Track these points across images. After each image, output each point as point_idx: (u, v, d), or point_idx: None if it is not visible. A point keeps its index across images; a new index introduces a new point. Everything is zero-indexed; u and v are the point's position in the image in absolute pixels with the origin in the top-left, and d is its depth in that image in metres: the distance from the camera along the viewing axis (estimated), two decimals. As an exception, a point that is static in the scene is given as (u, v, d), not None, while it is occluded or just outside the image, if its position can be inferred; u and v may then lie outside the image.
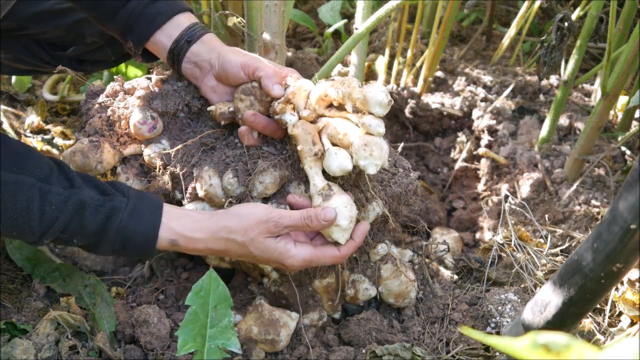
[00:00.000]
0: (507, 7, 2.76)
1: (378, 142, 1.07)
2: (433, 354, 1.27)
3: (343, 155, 1.08)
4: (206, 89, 1.26)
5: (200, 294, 0.88)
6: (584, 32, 1.64)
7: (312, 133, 1.12)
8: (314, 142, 1.11)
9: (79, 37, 1.49)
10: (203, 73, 1.25)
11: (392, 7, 1.36)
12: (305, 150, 1.11)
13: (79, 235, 1.08)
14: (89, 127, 1.34)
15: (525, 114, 2.00)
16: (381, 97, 1.05)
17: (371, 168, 1.06)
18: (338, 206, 1.08)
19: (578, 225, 1.57)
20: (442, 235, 1.63)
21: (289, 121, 1.13)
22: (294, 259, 1.12)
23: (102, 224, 1.08)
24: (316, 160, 1.12)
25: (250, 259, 1.16)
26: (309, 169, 1.12)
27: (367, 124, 1.07)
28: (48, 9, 1.44)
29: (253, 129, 1.19)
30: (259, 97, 1.18)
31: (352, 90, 1.08)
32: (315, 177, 1.12)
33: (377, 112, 1.07)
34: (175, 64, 1.27)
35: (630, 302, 1.32)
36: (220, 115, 1.23)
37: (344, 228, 1.09)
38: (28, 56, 1.52)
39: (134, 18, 1.25)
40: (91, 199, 1.08)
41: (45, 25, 1.45)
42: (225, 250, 1.13)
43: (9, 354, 1.15)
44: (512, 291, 1.36)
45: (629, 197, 0.74)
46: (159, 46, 1.27)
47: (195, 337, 0.87)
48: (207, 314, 0.88)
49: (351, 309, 1.37)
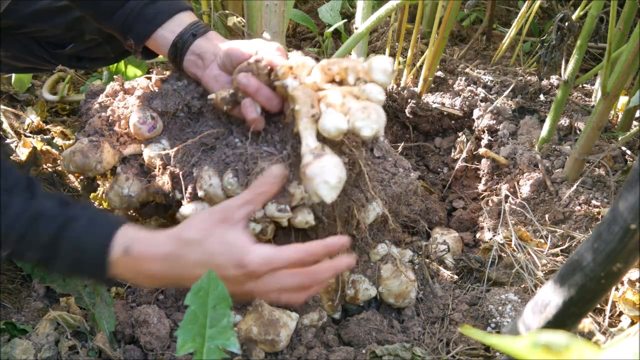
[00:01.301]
0: (507, 7, 2.76)
1: (377, 108, 1.05)
2: (433, 354, 1.27)
3: (339, 116, 1.05)
4: (208, 79, 1.25)
5: (199, 294, 0.88)
6: (584, 32, 1.64)
7: (311, 96, 1.09)
8: (312, 105, 1.09)
9: (78, 35, 1.48)
10: (206, 64, 1.24)
11: (393, 7, 1.36)
12: (303, 112, 1.08)
13: (32, 248, 1.00)
14: (88, 127, 1.34)
15: (526, 114, 2.00)
16: (386, 65, 1.05)
17: (366, 130, 1.04)
18: (327, 164, 1.03)
19: (578, 225, 1.57)
20: (442, 235, 1.63)
21: (290, 84, 1.11)
22: (254, 254, 0.99)
23: (55, 236, 1.00)
24: (312, 122, 1.08)
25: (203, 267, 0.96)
26: (304, 130, 1.08)
27: (367, 91, 1.06)
28: (46, 7, 1.44)
29: (246, 94, 1.17)
30: (256, 71, 1.17)
31: (356, 63, 1.08)
32: (309, 137, 1.08)
33: (379, 79, 1.06)
34: (178, 57, 1.26)
35: (631, 302, 1.32)
36: (221, 100, 1.21)
37: (332, 186, 1.02)
38: (27, 54, 1.52)
39: (132, 18, 1.24)
40: (49, 210, 1.01)
41: (44, 23, 1.45)
42: (178, 256, 1.00)
43: (8, 354, 1.15)
44: (512, 291, 1.36)
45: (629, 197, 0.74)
46: (159, 42, 1.26)
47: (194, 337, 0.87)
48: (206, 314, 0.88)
49: (351, 309, 1.37)
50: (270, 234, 1.23)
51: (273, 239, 1.26)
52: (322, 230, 1.26)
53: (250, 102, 1.17)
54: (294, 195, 1.21)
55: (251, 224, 1.21)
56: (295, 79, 1.13)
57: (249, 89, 1.15)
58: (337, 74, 1.11)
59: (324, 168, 1.01)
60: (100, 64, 1.67)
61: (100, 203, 1.56)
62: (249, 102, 1.17)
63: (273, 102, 1.18)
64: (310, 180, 1.02)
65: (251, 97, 1.17)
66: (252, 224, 1.21)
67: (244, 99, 1.18)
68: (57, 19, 1.46)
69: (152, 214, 1.37)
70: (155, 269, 1.01)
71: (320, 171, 1.01)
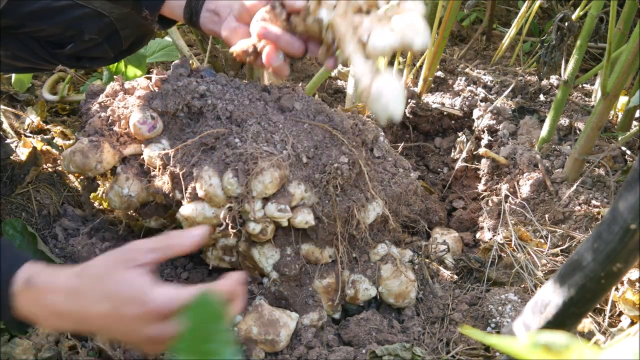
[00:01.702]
0: (507, 7, 2.76)
1: (421, 20, 1.06)
2: (433, 354, 1.27)
3: (388, 33, 1.06)
4: (227, 32, 1.25)
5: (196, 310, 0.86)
6: (584, 32, 1.64)
7: (350, 24, 1.10)
8: (355, 28, 1.09)
9: (78, 35, 1.48)
10: (222, 18, 1.25)
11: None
12: (349, 36, 1.08)
13: None
14: (88, 127, 1.34)
15: (525, 114, 2.00)
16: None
17: (418, 42, 1.05)
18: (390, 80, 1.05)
19: (578, 225, 1.57)
20: (442, 235, 1.63)
21: (324, 16, 1.11)
22: (157, 291, 0.91)
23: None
24: (360, 46, 1.08)
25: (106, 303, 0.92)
26: (354, 53, 1.08)
27: (407, 5, 1.07)
28: (45, 6, 1.44)
29: (267, 41, 1.17)
30: (274, 18, 1.17)
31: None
32: (361, 60, 1.08)
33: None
34: (194, 16, 1.26)
35: (630, 302, 1.32)
36: (243, 53, 1.21)
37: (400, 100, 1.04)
38: (27, 54, 1.51)
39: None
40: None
41: (43, 22, 1.45)
42: (80, 290, 0.93)
43: (8, 354, 1.15)
44: (512, 291, 1.36)
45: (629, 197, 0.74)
46: (173, 5, 1.27)
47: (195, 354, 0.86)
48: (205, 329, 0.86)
49: (351, 309, 1.37)
50: (270, 234, 1.24)
51: (273, 239, 1.26)
52: (322, 230, 1.26)
53: (272, 50, 1.17)
54: (294, 195, 1.21)
55: (251, 224, 1.21)
56: (327, 9, 1.12)
57: (270, 36, 1.16)
58: (365, 3, 1.10)
59: (388, 83, 1.04)
60: (99, 63, 1.66)
61: (100, 203, 1.56)
62: (271, 50, 1.17)
63: (295, 46, 1.17)
64: (378, 98, 1.03)
65: (272, 44, 1.17)
66: (252, 224, 1.21)
67: (266, 47, 1.18)
68: (56, 19, 1.45)
69: (152, 214, 1.37)
70: (57, 301, 0.94)
71: (386, 87, 1.03)
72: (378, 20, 1.08)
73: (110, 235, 1.49)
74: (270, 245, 1.27)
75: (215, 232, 1.26)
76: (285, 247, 1.27)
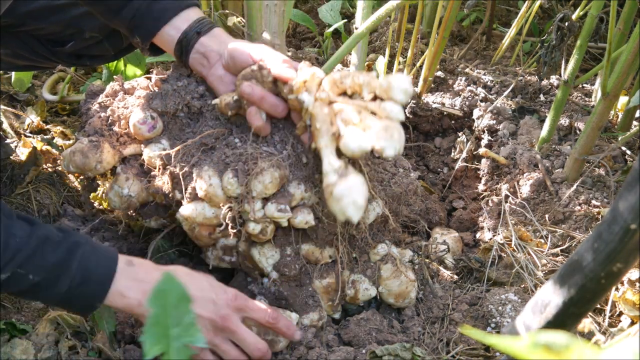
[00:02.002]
0: (507, 7, 2.76)
1: (398, 128, 1.05)
2: (433, 354, 1.27)
3: (362, 136, 1.05)
4: (213, 79, 1.26)
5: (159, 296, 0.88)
6: (584, 32, 1.64)
7: (329, 114, 1.10)
8: (331, 122, 1.09)
9: (78, 33, 1.48)
10: (211, 63, 1.25)
11: (393, 7, 1.36)
12: (323, 129, 1.09)
13: (38, 269, 1.04)
14: (88, 127, 1.34)
15: (525, 114, 2.00)
16: (406, 85, 1.06)
17: (390, 150, 1.04)
18: (355, 184, 1.03)
19: (578, 225, 1.57)
20: (442, 235, 1.63)
21: (306, 100, 1.12)
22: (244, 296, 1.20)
23: (64, 257, 1.06)
24: (332, 140, 1.09)
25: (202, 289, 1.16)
26: (325, 147, 1.09)
27: (387, 109, 1.06)
28: (45, 5, 1.44)
29: (250, 102, 1.18)
30: (260, 79, 1.18)
31: (371, 79, 1.08)
32: (330, 155, 1.08)
33: (399, 99, 1.06)
34: (183, 55, 1.27)
35: (631, 302, 1.32)
36: (226, 106, 1.22)
37: (360, 206, 1.03)
38: (27, 52, 1.51)
39: (140, 15, 1.25)
40: (54, 234, 1.08)
41: (43, 21, 1.45)
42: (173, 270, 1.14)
43: (8, 354, 1.15)
44: (512, 291, 1.36)
45: (629, 197, 0.74)
46: (165, 39, 1.27)
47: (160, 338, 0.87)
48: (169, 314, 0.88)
49: (351, 309, 1.37)
50: (270, 234, 1.24)
51: (273, 239, 1.26)
52: (322, 230, 1.26)
53: (255, 110, 1.19)
54: (294, 195, 1.21)
55: (251, 224, 1.21)
56: (309, 93, 1.13)
57: (253, 97, 1.17)
58: (350, 87, 1.11)
59: (352, 188, 1.03)
60: (100, 61, 1.67)
61: (100, 203, 1.56)
62: (254, 110, 1.19)
63: (278, 109, 1.19)
64: (338, 200, 1.03)
65: (256, 105, 1.18)
66: (252, 224, 1.21)
67: (250, 107, 1.19)
68: (56, 17, 1.46)
69: (152, 214, 1.37)
70: (153, 278, 1.12)
71: (348, 192, 1.02)
72: (359, 112, 1.08)
73: (110, 235, 1.49)
74: (270, 245, 1.27)
75: (215, 232, 1.26)
76: (285, 247, 1.27)
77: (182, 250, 1.48)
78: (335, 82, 1.11)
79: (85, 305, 1.11)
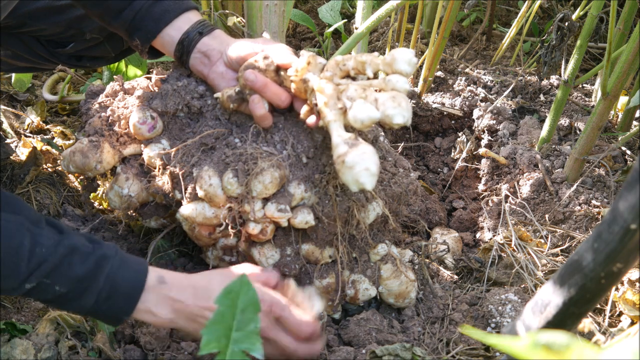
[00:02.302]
0: (507, 7, 2.76)
1: (404, 97, 1.06)
2: (433, 354, 1.27)
3: (370, 106, 1.06)
4: (214, 76, 1.26)
5: (229, 295, 0.87)
6: (584, 32, 1.64)
7: (335, 89, 1.10)
8: (338, 97, 1.09)
9: (78, 34, 1.48)
10: (212, 61, 1.25)
11: (393, 7, 1.36)
12: (331, 103, 1.09)
13: (64, 281, 1.02)
14: (88, 127, 1.34)
15: (525, 114, 2.00)
16: (409, 55, 1.06)
17: (399, 118, 1.04)
18: (367, 151, 1.03)
19: (578, 225, 1.57)
20: (442, 235, 1.63)
21: (311, 78, 1.11)
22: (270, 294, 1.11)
23: (92, 270, 1.03)
24: (340, 114, 1.09)
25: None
26: (334, 122, 1.09)
27: (393, 81, 1.07)
28: (46, 6, 1.44)
29: (253, 89, 1.18)
30: (263, 68, 1.18)
31: (373, 57, 1.09)
32: (339, 129, 1.08)
33: (404, 70, 1.07)
34: (184, 55, 1.27)
35: (630, 302, 1.32)
36: (228, 98, 1.22)
37: (374, 172, 1.03)
38: (27, 53, 1.51)
39: (140, 17, 1.25)
40: (82, 245, 1.04)
41: (44, 22, 1.45)
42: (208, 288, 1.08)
43: (8, 354, 1.15)
44: (512, 291, 1.36)
45: (629, 197, 0.74)
46: (165, 40, 1.27)
47: (219, 338, 0.86)
48: (234, 316, 0.87)
49: (351, 309, 1.37)
50: (270, 234, 1.24)
51: (273, 240, 1.26)
52: (322, 230, 1.26)
53: (258, 99, 1.18)
54: (294, 196, 1.21)
55: (251, 224, 1.21)
56: (313, 73, 1.13)
57: (257, 84, 1.16)
58: (353, 68, 1.11)
59: (364, 155, 1.02)
60: (100, 63, 1.67)
61: (100, 203, 1.56)
62: (257, 99, 1.18)
63: (281, 97, 1.18)
64: (351, 168, 1.02)
65: (259, 93, 1.18)
66: (252, 224, 1.21)
67: (252, 96, 1.18)
68: (57, 18, 1.46)
69: (152, 214, 1.37)
70: (184, 296, 1.07)
71: (361, 159, 1.01)
72: (363, 89, 1.08)
73: (110, 235, 1.49)
74: (270, 245, 1.26)
75: (215, 232, 1.26)
76: (285, 247, 1.27)
77: (182, 250, 1.48)
78: (337, 64, 1.12)
79: (113, 318, 1.09)
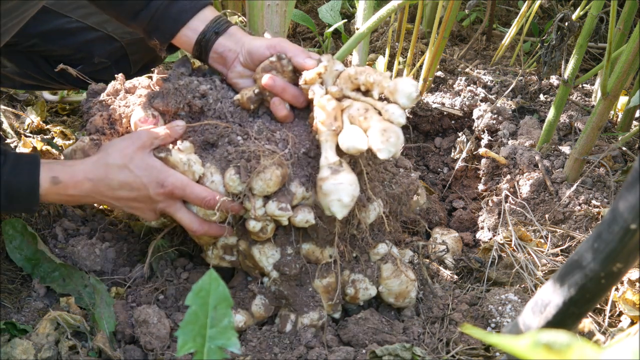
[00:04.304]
0: (507, 7, 2.76)
1: (396, 131, 1.08)
2: (433, 354, 1.27)
3: (360, 135, 1.09)
4: (233, 75, 1.29)
5: (200, 294, 0.88)
6: (584, 32, 1.64)
7: (335, 109, 1.13)
8: (335, 117, 1.13)
9: (87, 57, 1.50)
10: (228, 62, 1.28)
11: (394, 7, 1.36)
12: (327, 123, 1.12)
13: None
14: (90, 125, 1.34)
15: (525, 114, 2.00)
16: (411, 90, 1.08)
17: (384, 153, 1.06)
18: (344, 182, 1.08)
19: (578, 225, 1.57)
20: (442, 235, 1.63)
21: (316, 91, 1.15)
22: (174, 177, 1.17)
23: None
24: (333, 135, 1.13)
25: (135, 189, 1.18)
26: (325, 142, 1.13)
27: (390, 112, 1.09)
28: (58, 27, 1.45)
29: (273, 93, 1.22)
30: (280, 69, 1.21)
31: (383, 78, 1.11)
32: (329, 150, 1.13)
33: (403, 103, 1.09)
34: (202, 55, 1.29)
35: (630, 302, 1.32)
36: (247, 100, 1.25)
37: (345, 204, 1.08)
38: (35, 72, 1.52)
39: (157, 18, 1.27)
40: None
41: (54, 44, 1.46)
42: (105, 178, 1.16)
43: (8, 354, 1.15)
44: (512, 291, 1.36)
45: (629, 197, 0.74)
46: (183, 40, 1.29)
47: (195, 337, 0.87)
48: (207, 314, 0.88)
49: (351, 308, 1.37)
50: (271, 232, 1.24)
51: (273, 238, 1.26)
52: (323, 230, 1.26)
53: (279, 101, 1.22)
54: (295, 194, 1.21)
55: (251, 222, 1.21)
56: (322, 84, 1.16)
57: (276, 89, 1.21)
58: (363, 84, 1.14)
59: (340, 186, 1.06)
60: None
61: (100, 203, 1.56)
62: (277, 101, 1.22)
63: (300, 99, 1.23)
64: (325, 195, 1.07)
65: (278, 96, 1.22)
66: (252, 222, 1.21)
67: (273, 98, 1.23)
68: (67, 40, 1.47)
69: (153, 213, 1.37)
70: (83, 191, 1.17)
71: (336, 189, 1.06)
72: (365, 110, 1.10)
73: (110, 235, 1.49)
74: (271, 244, 1.27)
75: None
76: (286, 246, 1.27)
77: (182, 250, 1.48)
78: (350, 77, 1.14)
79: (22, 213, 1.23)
